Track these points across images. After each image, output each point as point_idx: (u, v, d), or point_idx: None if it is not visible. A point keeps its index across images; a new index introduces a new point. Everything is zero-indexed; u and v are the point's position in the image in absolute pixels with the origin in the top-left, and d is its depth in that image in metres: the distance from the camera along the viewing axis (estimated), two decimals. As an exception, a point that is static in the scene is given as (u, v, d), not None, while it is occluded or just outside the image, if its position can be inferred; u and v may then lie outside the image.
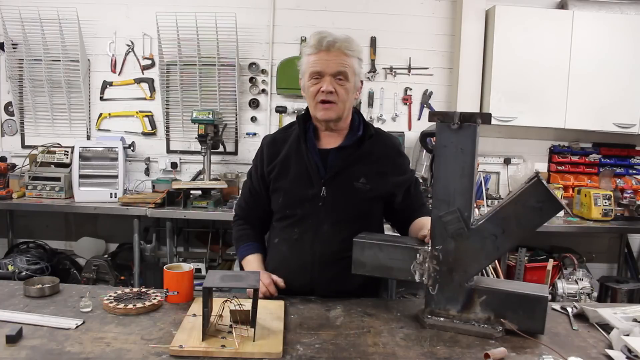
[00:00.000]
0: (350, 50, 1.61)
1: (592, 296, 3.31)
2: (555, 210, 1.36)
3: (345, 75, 1.60)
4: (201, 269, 3.76)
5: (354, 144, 1.69)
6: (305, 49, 1.65)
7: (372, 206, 1.70)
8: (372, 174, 1.67)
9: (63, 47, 3.75)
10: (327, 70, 1.59)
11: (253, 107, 3.94)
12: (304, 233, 1.66)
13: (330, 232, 1.64)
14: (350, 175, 1.66)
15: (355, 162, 1.67)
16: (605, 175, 3.90)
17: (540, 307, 1.35)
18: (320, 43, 1.59)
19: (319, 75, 1.60)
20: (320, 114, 1.63)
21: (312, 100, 1.64)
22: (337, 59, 1.59)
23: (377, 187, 1.67)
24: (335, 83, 1.60)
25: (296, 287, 1.65)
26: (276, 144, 1.74)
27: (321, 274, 1.65)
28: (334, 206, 1.64)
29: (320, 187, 1.64)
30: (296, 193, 1.67)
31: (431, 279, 1.43)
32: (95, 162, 3.56)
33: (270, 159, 1.72)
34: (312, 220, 1.65)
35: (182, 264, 1.61)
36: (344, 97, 1.62)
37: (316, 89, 1.61)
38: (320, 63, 1.59)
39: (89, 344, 1.22)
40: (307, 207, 1.66)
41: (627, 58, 3.61)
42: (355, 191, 1.65)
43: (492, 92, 3.65)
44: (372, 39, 3.90)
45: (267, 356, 1.19)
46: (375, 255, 1.48)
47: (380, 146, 1.72)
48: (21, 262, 3.37)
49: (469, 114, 1.35)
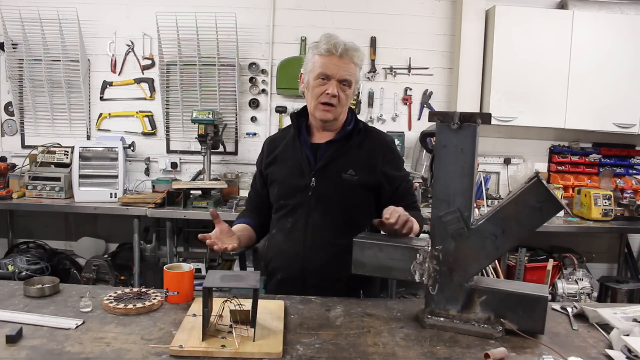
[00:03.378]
0: (358, 59, 1.74)
1: (592, 296, 3.31)
2: (555, 210, 1.36)
3: (350, 83, 1.73)
4: (201, 269, 3.76)
5: (344, 137, 1.79)
6: (317, 48, 1.72)
7: (360, 196, 1.77)
8: (360, 166, 1.76)
9: (63, 47, 3.75)
10: (336, 75, 1.70)
11: (253, 107, 3.95)
12: (296, 222, 1.76)
13: (321, 221, 1.74)
14: (338, 167, 1.76)
15: (344, 154, 1.77)
16: (605, 175, 3.90)
17: (540, 307, 1.35)
18: (336, 48, 1.68)
19: (326, 78, 1.70)
20: (320, 114, 1.74)
21: (314, 99, 1.74)
22: (346, 67, 1.70)
23: (365, 178, 1.75)
24: (339, 88, 1.71)
25: (289, 274, 1.76)
26: (275, 142, 1.90)
27: (312, 261, 1.74)
28: (323, 196, 1.74)
29: (310, 178, 1.75)
30: (289, 184, 1.79)
31: (431, 279, 1.42)
32: (95, 162, 3.56)
33: (268, 154, 1.88)
34: (304, 209, 1.76)
35: (182, 264, 1.61)
36: (343, 102, 1.74)
37: (321, 90, 1.71)
38: (331, 67, 1.69)
39: (89, 344, 1.22)
40: (298, 197, 1.76)
41: (627, 58, 3.61)
42: (343, 182, 1.74)
43: (492, 92, 3.65)
44: (372, 39, 3.91)
45: (267, 356, 1.19)
46: (375, 256, 1.47)
47: (371, 140, 1.82)
48: (21, 262, 3.37)
49: (469, 114, 1.35)
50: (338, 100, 1.71)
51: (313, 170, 1.76)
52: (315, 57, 1.72)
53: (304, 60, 1.79)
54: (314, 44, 1.76)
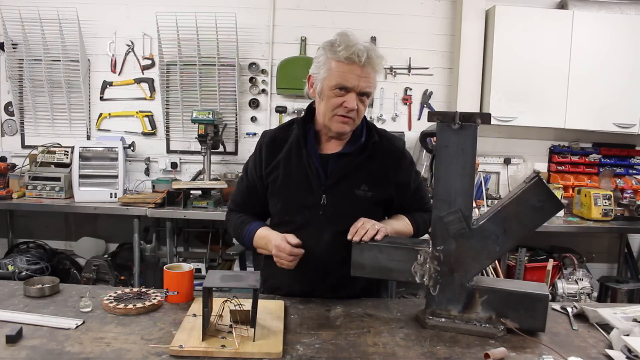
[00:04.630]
0: (379, 66, 1.55)
1: (592, 296, 3.31)
2: (556, 209, 1.37)
3: (369, 94, 1.57)
4: (201, 269, 3.75)
5: (356, 151, 1.63)
6: (335, 53, 1.50)
7: (373, 213, 1.62)
8: (373, 180, 1.63)
9: (63, 47, 3.75)
10: (357, 87, 1.51)
11: (253, 107, 3.94)
12: (304, 241, 1.55)
13: (332, 242, 1.59)
14: (351, 183, 1.61)
15: (357, 169, 1.62)
16: (605, 175, 3.90)
17: (542, 306, 1.35)
18: (359, 57, 1.48)
19: (344, 89, 1.52)
20: (337, 126, 1.57)
21: (329, 110, 1.55)
22: (368, 78, 1.52)
23: (378, 194, 1.63)
24: (359, 100, 1.54)
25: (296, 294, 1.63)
26: (275, 144, 1.69)
27: (322, 282, 1.63)
28: (335, 215, 1.59)
29: (320, 195, 1.60)
30: (295, 200, 1.63)
31: (432, 280, 1.42)
32: (95, 162, 3.56)
33: (269, 160, 1.68)
34: (312, 229, 1.61)
35: (182, 264, 1.61)
36: (362, 114, 1.59)
37: (339, 102, 1.53)
38: (352, 78, 1.50)
39: (89, 344, 1.21)
40: (306, 215, 1.61)
41: (627, 58, 3.60)
42: (357, 199, 1.61)
43: (492, 92, 3.65)
44: (372, 39, 3.90)
45: (267, 356, 1.19)
46: (375, 257, 1.47)
47: (383, 150, 1.66)
48: (21, 262, 3.37)
49: (469, 114, 1.35)
50: (357, 113, 1.55)
51: (324, 185, 1.60)
52: (332, 62, 1.51)
53: (315, 60, 1.58)
54: (329, 46, 1.53)
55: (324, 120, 1.59)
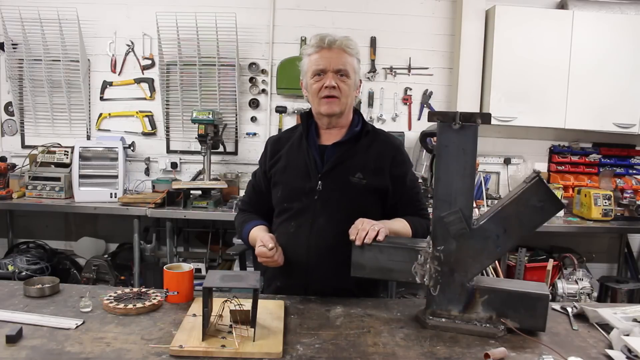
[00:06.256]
0: (350, 48, 1.68)
1: (592, 296, 3.31)
2: (556, 210, 1.37)
3: (347, 72, 1.67)
4: (201, 269, 3.75)
5: (351, 139, 1.73)
6: (307, 49, 1.71)
7: (368, 201, 1.70)
8: (368, 169, 1.70)
9: (63, 47, 3.75)
10: (330, 67, 1.65)
11: (253, 107, 3.94)
12: (299, 226, 1.68)
13: (326, 226, 1.66)
14: (346, 170, 1.69)
15: (352, 157, 1.71)
16: (605, 175, 3.90)
17: (542, 305, 1.35)
18: (322, 41, 1.65)
19: (321, 73, 1.66)
20: (324, 107, 1.68)
21: (315, 97, 1.69)
22: (339, 57, 1.66)
23: (373, 181, 1.69)
24: (337, 79, 1.65)
25: (292, 281, 1.68)
26: (279, 142, 1.82)
27: (316, 268, 1.67)
28: (329, 200, 1.67)
29: (316, 181, 1.68)
30: (294, 186, 1.71)
31: (432, 280, 1.42)
32: (95, 162, 3.56)
33: (273, 154, 1.80)
34: (308, 213, 1.68)
35: (182, 264, 1.61)
36: (346, 92, 1.68)
37: (319, 85, 1.66)
38: (323, 60, 1.65)
39: (89, 344, 1.21)
40: (303, 201, 1.69)
41: (627, 58, 3.61)
42: (351, 185, 1.68)
43: (492, 92, 3.65)
44: (372, 39, 3.90)
45: (267, 356, 1.19)
46: (375, 258, 1.46)
47: (379, 142, 1.76)
48: (21, 262, 3.37)
49: (469, 114, 1.35)
50: (340, 91, 1.65)
51: (320, 172, 1.69)
52: (306, 59, 1.70)
53: (300, 67, 1.75)
54: (304, 49, 1.74)
55: (315, 108, 1.72)
